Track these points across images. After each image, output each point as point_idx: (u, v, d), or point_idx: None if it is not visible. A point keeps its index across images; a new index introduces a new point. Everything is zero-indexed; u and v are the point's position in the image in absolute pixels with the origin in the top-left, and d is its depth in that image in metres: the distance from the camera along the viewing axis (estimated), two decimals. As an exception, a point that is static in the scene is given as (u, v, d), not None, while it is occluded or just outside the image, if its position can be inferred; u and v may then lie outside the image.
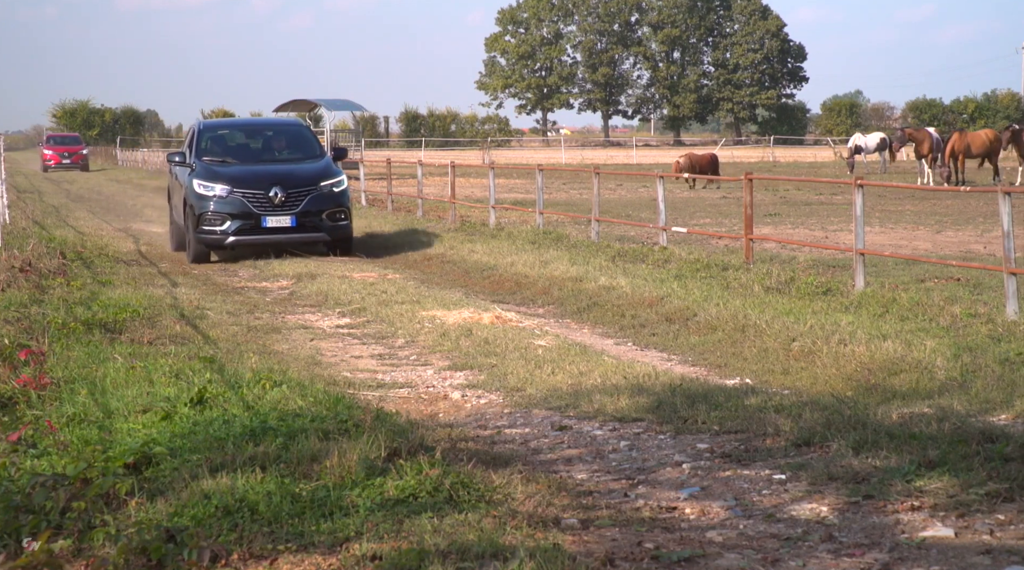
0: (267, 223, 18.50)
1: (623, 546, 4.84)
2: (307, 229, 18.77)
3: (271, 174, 19.03)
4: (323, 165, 19.65)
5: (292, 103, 57.52)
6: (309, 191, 18.75)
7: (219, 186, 18.60)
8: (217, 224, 18.52)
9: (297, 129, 21.83)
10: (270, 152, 20.63)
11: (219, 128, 21.64)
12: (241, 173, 19.04)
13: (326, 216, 18.92)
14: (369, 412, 7.00)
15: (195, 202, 18.64)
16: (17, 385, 7.92)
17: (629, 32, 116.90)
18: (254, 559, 4.65)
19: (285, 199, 18.53)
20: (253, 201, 18.50)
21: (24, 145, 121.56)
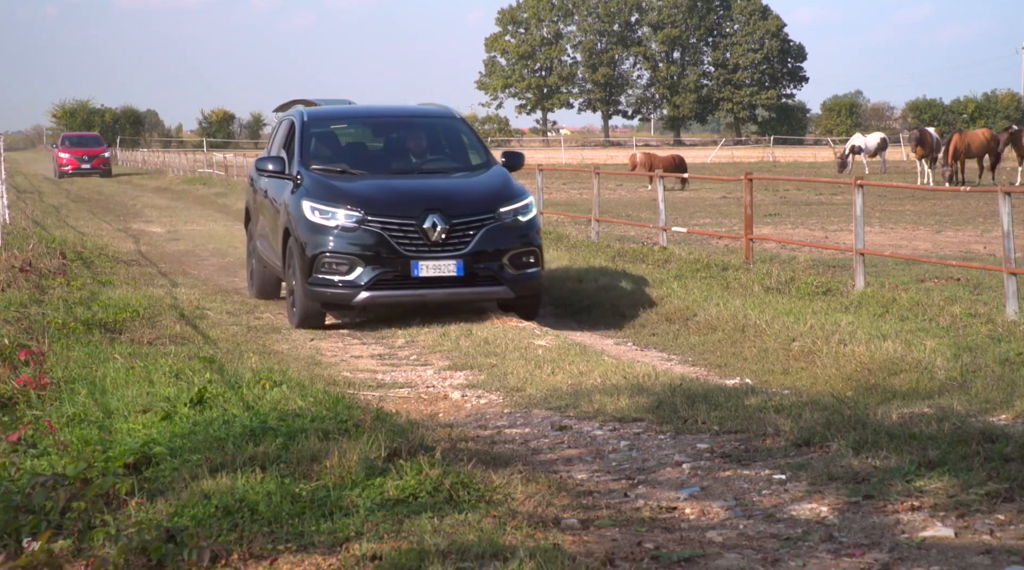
0: (419, 271, 11.64)
1: (623, 546, 4.85)
2: (480, 281, 11.89)
3: (424, 193, 12.15)
4: (498, 180, 12.65)
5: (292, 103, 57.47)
6: (483, 221, 11.93)
7: (343, 212, 11.83)
8: (341, 271, 11.74)
9: (449, 123, 13.87)
10: (412, 158, 13.39)
11: (334, 120, 13.94)
12: (377, 191, 12.17)
13: (508, 260, 11.98)
14: (369, 412, 6.99)
15: (305, 236, 11.91)
16: (17, 385, 7.92)
17: (629, 32, 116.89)
18: (254, 559, 4.65)
19: (447, 233, 11.72)
20: (398, 236, 11.72)
21: (24, 145, 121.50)
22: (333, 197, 12.00)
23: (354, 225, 11.75)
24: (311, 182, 12.32)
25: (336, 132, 13.74)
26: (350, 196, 11.99)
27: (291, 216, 12.19)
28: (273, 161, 12.88)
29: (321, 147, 13.16)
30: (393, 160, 13.17)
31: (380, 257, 11.68)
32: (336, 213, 11.83)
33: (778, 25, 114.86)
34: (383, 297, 11.77)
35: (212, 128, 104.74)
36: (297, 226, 12.04)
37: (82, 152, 57.87)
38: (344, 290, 11.74)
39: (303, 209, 11.99)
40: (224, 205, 35.47)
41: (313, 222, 11.89)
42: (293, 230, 12.12)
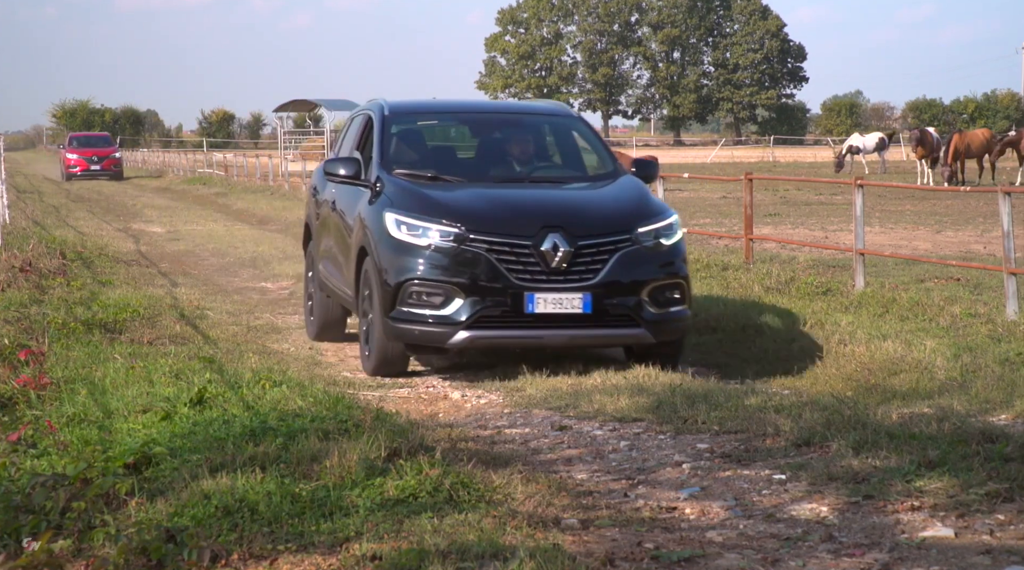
0: (535, 306, 9.20)
1: (623, 546, 4.85)
2: (612, 320, 9.40)
3: (542, 206, 9.72)
4: (634, 193, 10.11)
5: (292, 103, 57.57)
6: (617, 244, 9.43)
7: (437, 227, 9.36)
8: (433, 303, 9.28)
9: (564, 122, 11.33)
10: (517, 164, 10.75)
11: (422, 115, 11.71)
12: (482, 203, 9.69)
13: (648, 295, 9.46)
14: (369, 412, 7.00)
15: (387, 257, 9.44)
16: (17, 385, 7.92)
17: (629, 32, 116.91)
18: (254, 559, 4.65)
19: (571, 259, 9.25)
20: (509, 260, 9.25)
21: (24, 145, 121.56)
22: (424, 208, 9.43)
23: (451, 245, 9.20)
24: (396, 190, 9.76)
25: (424, 130, 11.42)
26: (447, 208, 9.42)
27: (368, 232, 9.63)
28: (345, 164, 10.33)
29: (406, 148, 10.74)
30: (495, 166, 10.58)
31: (484, 287, 9.15)
32: (428, 229, 9.28)
33: (778, 25, 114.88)
34: (487, 338, 9.25)
35: (212, 128, 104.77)
36: (377, 245, 9.45)
37: (91, 153, 53.80)
38: (437, 328, 9.18)
39: (385, 223, 9.42)
40: (224, 205, 35.49)
41: (398, 240, 9.33)
42: (371, 250, 9.53)
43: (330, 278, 11.06)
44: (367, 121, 11.14)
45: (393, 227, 9.41)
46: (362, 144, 10.99)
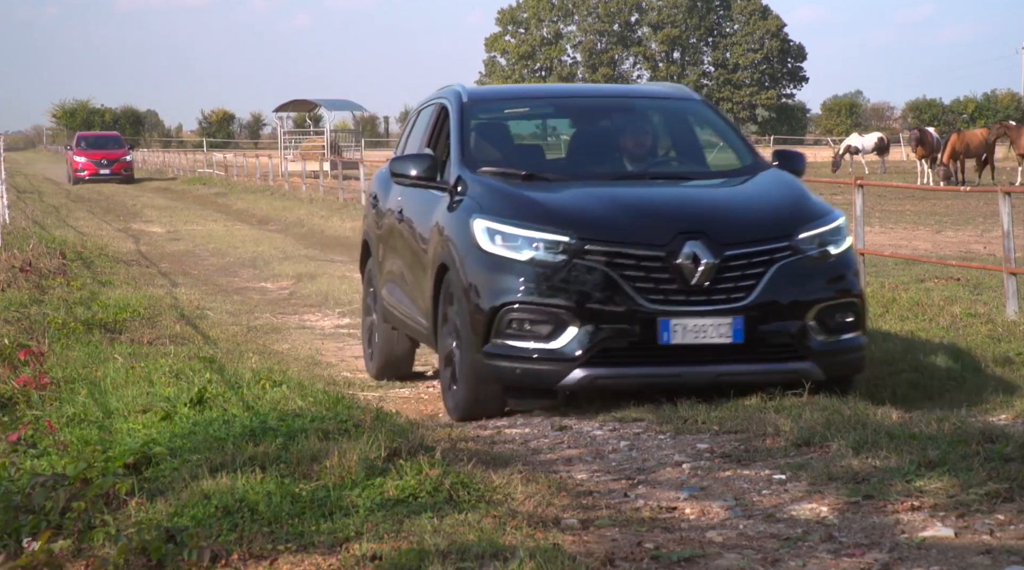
0: (671, 335, 7.40)
1: (623, 546, 4.85)
2: (770, 352, 7.62)
3: (675, 207, 7.95)
4: (788, 189, 8.25)
5: (292, 103, 57.59)
6: (773, 254, 7.60)
7: (543, 236, 7.53)
8: (539, 333, 7.48)
9: (686, 107, 9.30)
10: (629, 159, 8.86)
11: (509, 101, 9.98)
12: (598, 204, 7.84)
13: (816, 319, 7.64)
14: (369, 412, 7.00)
15: (477, 275, 7.66)
16: (17, 385, 7.93)
17: (629, 32, 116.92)
18: (254, 559, 4.65)
19: (716, 273, 7.44)
20: (636, 277, 7.43)
21: (24, 145, 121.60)
22: (523, 213, 7.60)
23: (561, 258, 7.35)
24: (484, 191, 7.94)
25: (512, 121, 9.54)
26: (552, 211, 7.60)
27: (451, 245, 7.83)
28: (417, 161, 8.50)
29: (491, 142, 8.86)
30: (602, 162, 8.68)
31: (605, 312, 7.27)
32: (530, 239, 7.44)
33: (778, 25, 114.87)
34: (610, 378, 7.44)
35: (212, 128, 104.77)
36: (463, 261, 7.62)
37: (100, 155, 50.21)
38: (544, 366, 7.37)
39: (473, 232, 7.59)
40: (224, 205, 35.50)
41: (491, 253, 7.50)
42: (454, 267, 7.71)
43: (397, 305, 9.10)
44: (439, 112, 9.09)
45: (484, 238, 7.54)
46: (434, 140, 9.10)
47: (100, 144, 52.15)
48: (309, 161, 45.19)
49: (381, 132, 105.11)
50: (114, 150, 51.16)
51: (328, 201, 33.33)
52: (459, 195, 8.06)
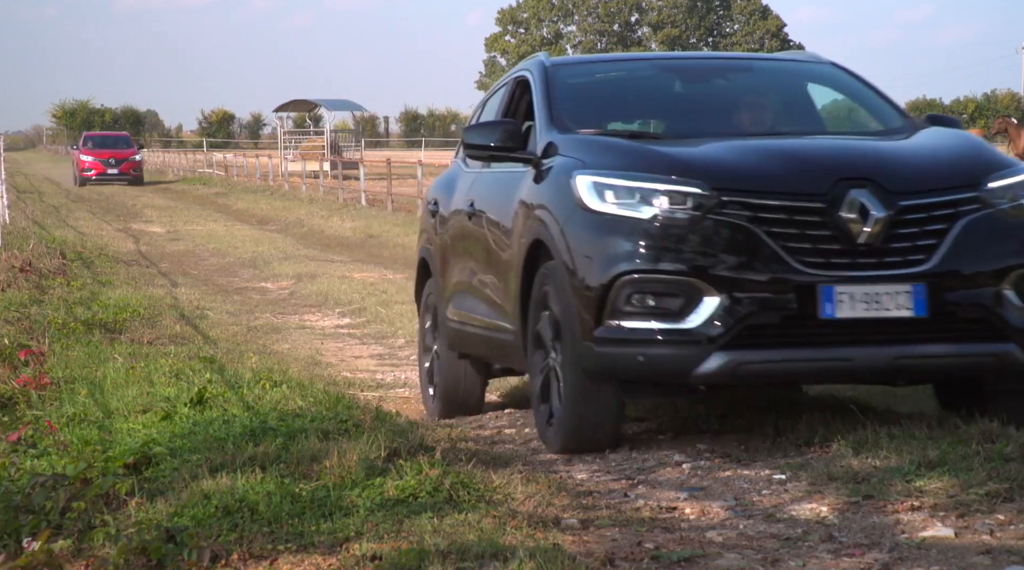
0: (835, 307, 5.83)
1: (623, 546, 4.85)
2: (960, 329, 6.06)
3: (832, 152, 6.52)
4: (959, 138, 6.79)
5: (292, 103, 57.62)
6: (958, 206, 6.06)
7: (666, 187, 6.02)
8: (665, 309, 5.92)
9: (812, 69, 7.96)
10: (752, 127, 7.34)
11: (601, 65, 9.04)
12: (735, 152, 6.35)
13: (1013, 287, 6.04)
14: (369, 412, 7.00)
15: (584, 242, 6.14)
16: (17, 385, 7.93)
17: (629, 32, 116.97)
18: (254, 559, 4.65)
19: (888, 229, 5.91)
20: (788, 234, 5.89)
21: (24, 145, 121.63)
22: (640, 162, 6.22)
23: (692, 213, 5.92)
24: (585, 146, 6.61)
25: (608, 86, 8.01)
26: (678, 159, 6.22)
27: (545, 215, 6.43)
28: (494, 128, 7.12)
29: (584, 107, 7.44)
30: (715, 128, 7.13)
31: (750, 280, 5.82)
32: (652, 191, 6.00)
33: (778, 25, 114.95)
34: (759, 363, 5.96)
35: (212, 128, 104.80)
36: (564, 228, 6.22)
37: (108, 154, 48.07)
38: (673, 350, 5.90)
39: (576, 190, 6.19)
40: (224, 205, 35.53)
41: (600, 213, 6.09)
42: (553, 239, 6.29)
43: (469, 319, 7.61)
44: (515, 88, 7.87)
45: (591, 195, 6.12)
46: (511, 102, 7.86)
47: (108, 143, 50.17)
48: (309, 161, 45.20)
49: (381, 132, 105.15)
50: (123, 150, 49.14)
51: (328, 201, 33.35)
52: (546, 162, 6.64)
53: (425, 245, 8.71)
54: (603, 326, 6.00)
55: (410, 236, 22.30)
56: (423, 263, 8.75)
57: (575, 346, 6.12)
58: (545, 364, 6.49)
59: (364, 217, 27.24)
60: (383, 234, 23.38)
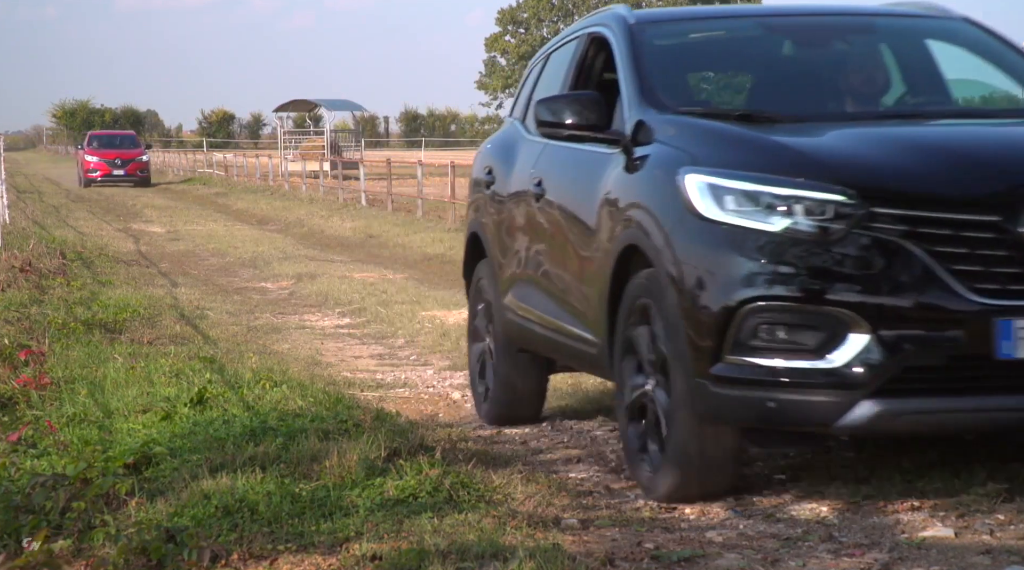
0: (1013, 346, 4.68)
1: (623, 546, 4.85)
2: None
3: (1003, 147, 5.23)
4: None
5: (292, 103, 57.64)
6: None
7: (802, 194, 4.85)
8: (805, 344, 4.80)
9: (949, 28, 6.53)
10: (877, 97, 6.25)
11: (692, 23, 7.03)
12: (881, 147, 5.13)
13: None
14: (369, 412, 7.00)
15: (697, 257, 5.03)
16: (17, 385, 7.92)
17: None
18: (254, 559, 4.65)
19: None
20: (954, 255, 4.73)
21: (24, 145, 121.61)
22: (766, 160, 5.13)
23: (836, 228, 4.85)
24: (693, 134, 5.53)
25: (702, 49, 6.77)
26: (813, 157, 5.13)
27: (645, 216, 5.39)
28: (576, 103, 5.93)
29: (680, 75, 6.40)
30: (844, 99, 6.19)
31: (908, 310, 4.80)
32: (783, 198, 4.92)
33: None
34: (919, 414, 4.89)
35: (212, 128, 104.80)
36: (670, 237, 5.18)
37: (114, 154, 45.98)
38: (814, 395, 4.85)
39: (686, 193, 5.11)
40: (224, 205, 35.53)
41: (718, 224, 5.02)
42: (655, 248, 5.25)
43: (537, 317, 6.62)
44: (588, 47, 6.62)
45: (705, 200, 5.02)
46: (580, 79, 6.64)
47: (114, 143, 47.92)
48: (309, 161, 45.21)
49: (381, 132, 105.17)
50: (129, 149, 47.01)
51: (328, 201, 33.35)
52: (644, 146, 5.57)
53: (477, 220, 7.64)
54: (723, 362, 4.91)
55: (410, 236, 22.31)
56: (474, 240, 7.71)
57: (686, 382, 5.03)
58: (641, 391, 5.48)
59: (364, 217, 27.23)
60: (383, 234, 23.38)
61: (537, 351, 7.01)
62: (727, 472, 5.37)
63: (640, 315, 5.44)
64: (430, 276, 16.89)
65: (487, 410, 7.59)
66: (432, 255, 19.33)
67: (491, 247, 7.38)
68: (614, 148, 5.83)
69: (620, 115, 5.93)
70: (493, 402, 7.49)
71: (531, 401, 7.42)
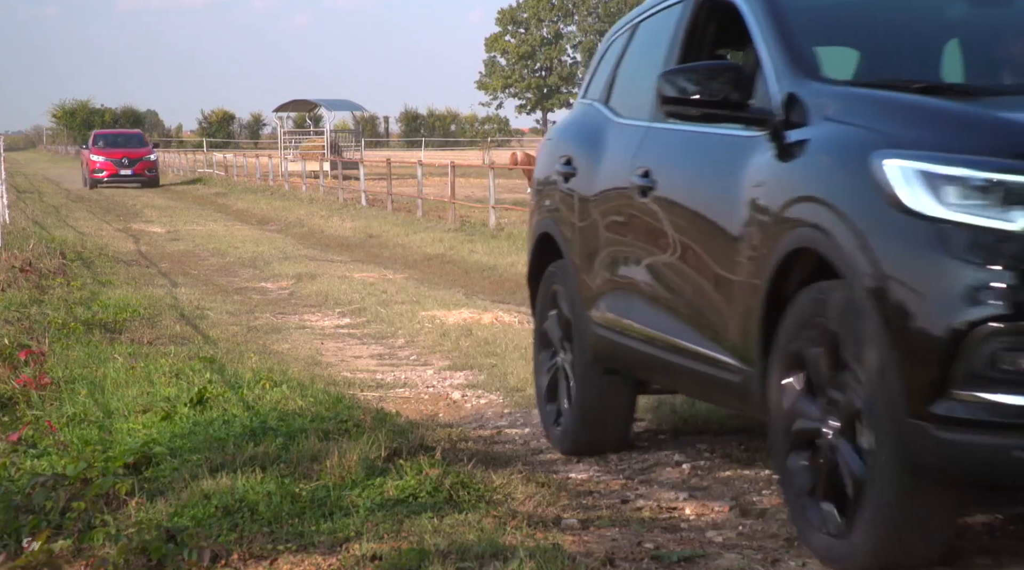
0: None
1: (623, 546, 4.85)
2: None
3: None
4: None
5: (292, 103, 57.64)
6: None
7: None
8: None
9: None
10: None
11: None
12: None
13: None
14: (369, 412, 7.00)
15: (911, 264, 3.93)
16: (17, 385, 7.92)
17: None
18: (254, 559, 4.65)
19: None
20: None
21: (24, 145, 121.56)
22: (992, 142, 4.02)
23: None
24: (879, 108, 4.49)
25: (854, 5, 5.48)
26: None
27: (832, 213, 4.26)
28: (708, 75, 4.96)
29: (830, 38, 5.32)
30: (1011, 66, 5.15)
31: None
32: None
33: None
34: None
35: (212, 128, 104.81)
36: (872, 239, 4.08)
37: (121, 154, 44.16)
38: None
39: (890, 180, 4.05)
40: (224, 205, 35.52)
41: (934, 221, 3.95)
42: (847, 255, 4.16)
43: (641, 333, 5.60)
44: (700, 11, 5.60)
45: (915, 190, 4.02)
46: (690, 47, 5.56)
47: (120, 142, 45.81)
48: (309, 161, 45.20)
49: (381, 132, 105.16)
50: (136, 149, 45.02)
51: (328, 201, 33.35)
52: (802, 127, 4.61)
53: (547, 218, 6.59)
54: (949, 399, 3.90)
55: (410, 236, 22.30)
56: (544, 241, 6.64)
57: (896, 425, 4.00)
58: (813, 429, 4.45)
59: (364, 217, 27.23)
60: (383, 234, 23.37)
61: (638, 374, 6.03)
62: (942, 539, 4.29)
63: (815, 337, 4.36)
64: (430, 276, 16.88)
65: (560, 436, 6.55)
66: (432, 255, 19.33)
67: (571, 250, 6.27)
68: (757, 130, 4.82)
69: (761, 88, 4.93)
70: (570, 428, 6.42)
71: (617, 427, 6.41)
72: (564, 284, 6.42)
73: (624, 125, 6.01)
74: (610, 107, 6.32)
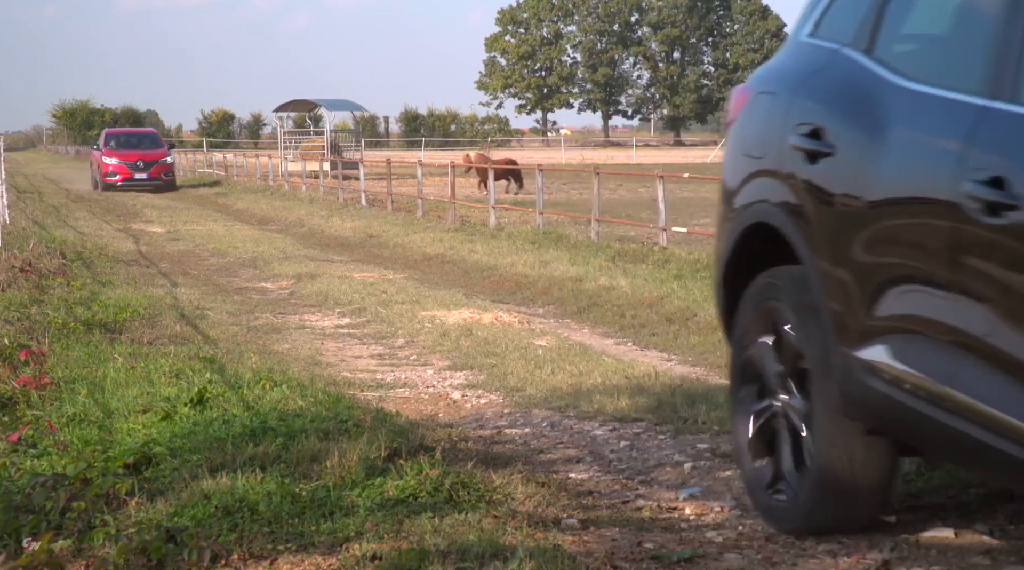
0: None
1: (623, 546, 4.85)
2: None
3: None
4: None
5: (292, 103, 57.60)
6: None
7: None
8: None
9: None
10: None
11: None
12: None
13: None
14: (369, 412, 7.00)
15: None
16: (17, 385, 7.92)
17: (629, 32, 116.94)
18: (254, 559, 4.65)
19: None
20: None
21: (24, 145, 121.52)
22: None
23: None
24: None
25: None
26: None
27: None
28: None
29: None
30: None
31: None
32: None
33: (778, 25, 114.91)
34: None
35: (212, 128, 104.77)
36: None
37: (136, 156, 40.96)
38: None
39: None
40: (224, 205, 35.50)
41: None
42: None
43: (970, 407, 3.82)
44: None
45: None
46: None
47: (133, 143, 42.69)
48: (309, 161, 45.19)
49: (381, 132, 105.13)
50: (151, 150, 42.01)
51: (328, 201, 33.33)
52: None
53: (769, 206, 4.90)
54: None
55: (410, 236, 22.30)
56: (757, 234, 4.97)
57: None
58: None
59: (364, 217, 27.22)
60: (383, 234, 23.36)
61: (935, 453, 4.56)
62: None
63: None
64: (430, 276, 16.88)
65: (784, 509, 4.92)
66: (432, 255, 19.32)
67: (818, 258, 4.53)
68: None
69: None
70: (804, 500, 4.77)
71: (871, 502, 4.75)
72: (797, 303, 4.69)
73: (927, 96, 4.15)
74: (881, 62, 4.49)
